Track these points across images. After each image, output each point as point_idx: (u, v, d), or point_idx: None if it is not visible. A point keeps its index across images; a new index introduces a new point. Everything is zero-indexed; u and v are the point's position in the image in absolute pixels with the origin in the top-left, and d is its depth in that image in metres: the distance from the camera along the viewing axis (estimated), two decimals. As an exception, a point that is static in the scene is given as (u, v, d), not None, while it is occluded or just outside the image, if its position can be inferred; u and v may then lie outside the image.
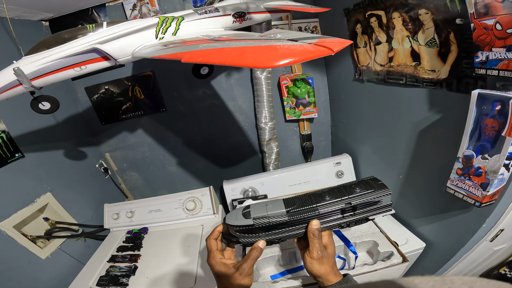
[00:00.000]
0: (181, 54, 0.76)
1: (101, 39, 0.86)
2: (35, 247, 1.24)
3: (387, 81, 1.16)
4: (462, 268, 1.08)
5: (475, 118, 0.76)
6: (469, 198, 0.83)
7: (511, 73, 0.65)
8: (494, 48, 0.67)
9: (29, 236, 1.25)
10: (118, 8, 1.59)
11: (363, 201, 0.66)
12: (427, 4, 0.88)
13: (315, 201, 0.68)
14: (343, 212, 0.67)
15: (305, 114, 1.77)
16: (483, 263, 1.12)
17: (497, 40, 0.66)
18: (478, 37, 0.70)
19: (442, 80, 0.90)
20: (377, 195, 0.66)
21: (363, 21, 1.21)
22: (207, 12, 1.06)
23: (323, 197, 0.68)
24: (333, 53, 0.59)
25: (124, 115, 1.81)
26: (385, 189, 0.67)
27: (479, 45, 0.71)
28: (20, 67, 0.82)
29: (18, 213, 1.20)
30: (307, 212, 0.66)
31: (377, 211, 0.69)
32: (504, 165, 0.73)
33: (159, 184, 2.05)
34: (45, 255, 1.27)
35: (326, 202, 0.67)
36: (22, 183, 1.27)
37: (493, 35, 0.66)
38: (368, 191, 0.67)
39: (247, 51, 0.67)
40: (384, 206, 0.68)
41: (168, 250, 1.35)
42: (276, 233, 0.67)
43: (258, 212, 0.67)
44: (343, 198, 0.67)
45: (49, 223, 1.38)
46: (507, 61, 0.65)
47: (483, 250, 1.00)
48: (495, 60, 0.68)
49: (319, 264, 0.65)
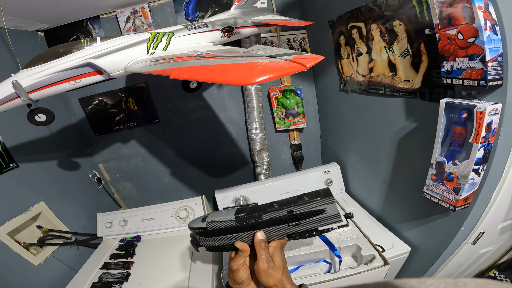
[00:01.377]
0: (169, 70, 0.81)
1: (95, 53, 0.91)
2: (28, 254, 1.27)
3: (369, 91, 1.22)
4: (449, 271, 1.10)
5: (445, 126, 0.81)
6: (444, 203, 0.87)
7: (474, 81, 0.70)
8: (458, 57, 0.72)
9: (22, 243, 1.27)
10: (112, 20, 1.64)
11: (306, 210, 0.64)
12: (400, 15, 0.94)
13: (263, 209, 0.68)
14: (287, 221, 0.66)
15: (294, 124, 1.82)
16: (471, 266, 1.15)
17: (459, 49, 0.71)
18: (443, 47, 0.75)
19: (416, 89, 0.95)
20: (320, 203, 0.64)
21: (346, 33, 1.28)
22: (196, 28, 1.12)
23: (272, 205, 0.68)
24: (306, 69, 0.64)
25: (118, 126, 1.85)
26: (329, 197, 0.64)
27: (444, 55, 0.76)
28: (18, 80, 0.85)
29: (12, 221, 1.23)
30: (252, 219, 0.67)
31: (325, 221, 0.65)
32: (473, 170, 0.77)
33: (152, 194, 2.07)
34: (38, 262, 1.30)
35: (271, 210, 0.67)
36: (16, 192, 1.30)
37: (456, 45, 0.71)
38: (311, 200, 0.65)
39: (228, 68, 0.72)
40: (332, 216, 0.64)
41: (161, 258, 1.37)
42: (228, 238, 0.70)
43: (214, 216, 0.71)
44: (287, 206, 0.66)
45: (42, 231, 1.41)
46: (469, 70, 0.70)
47: (468, 253, 1.03)
48: (459, 69, 0.72)
49: (266, 276, 0.63)
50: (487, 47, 0.64)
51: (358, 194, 1.56)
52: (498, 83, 0.68)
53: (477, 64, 0.67)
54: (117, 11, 1.60)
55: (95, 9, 1.57)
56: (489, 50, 0.65)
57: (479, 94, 0.74)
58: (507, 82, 0.68)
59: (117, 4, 1.55)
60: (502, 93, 0.70)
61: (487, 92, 0.73)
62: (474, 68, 0.68)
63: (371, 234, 1.20)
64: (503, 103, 0.69)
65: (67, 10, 1.44)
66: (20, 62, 1.34)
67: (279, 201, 0.69)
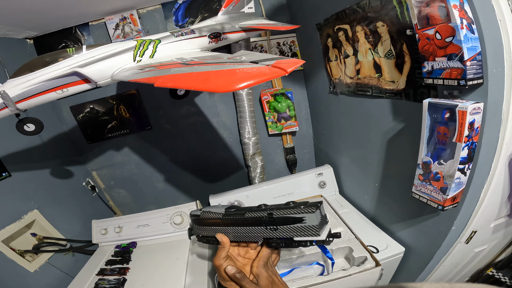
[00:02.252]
0: (154, 78, 0.81)
1: (81, 62, 0.90)
2: (24, 261, 1.28)
3: (357, 93, 1.22)
4: (446, 271, 1.10)
5: (429, 126, 0.81)
6: (432, 202, 0.87)
7: (454, 81, 0.70)
8: (437, 57, 0.72)
9: (17, 250, 1.28)
10: (101, 27, 1.64)
11: (285, 215, 0.63)
12: (382, 16, 0.95)
13: (249, 209, 0.69)
14: (266, 223, 0.65)
15: (287, 128, 1.82)
16: (468, 265, 1.15)
17: (438, 49, 0.71)
18: (423, 47, 0.75)
19: (401, 90, 0.95)
20: (300, 211, 0.61)
21: (333, 35, 1.29)
22: (183, 34, 1.12)
23: (259, 207, 0.69)
24: (287, 74, 0.64)
25: (110, 134, 1.85)
26: (312, 207, 0.61)
27: (424, 55, 0.76)
28: (5, 91, 0.85)
29: (6, 229, 1.25)
30: (237, 215, 0.70)
31: (302, 231, 0.62)
32: (459, 170, 0.77)
33: (147, 200, 2.07)
34: (34, 268, 1.31)
35: (255, 210, 0.67)
36: (9, 200, 1.31)
37: (435, 44, 0.72)
38: (292, 207, 0.63)
39: (210, 76, 0.72)
40: (309, 227, 0.61)
41: (156, 263, 1.37)
42: (214, 229, 0.74)
43: (209, 208, 0.77)
44: (270, 209, 0.66)
45: (37, 238, 1.41)
46: (449, 69, 0.70)
47: (462, 253, 1.03)
48: (439, 69, 0.73)
49: None
50: (464, 46, 0.65)
51: (352, 195, 1.56)
52: (479, 82, 0.69)
53: (456, 63, 0.67)
54: (106, 18, 1.60)
55: (83, 17, 1.57)
56: (467, 49, 0.65)
57: (460, 94, 0.75)
58: (487, 81, 0.68)
59: (106, 11, 1.55)
60: (483, 92, 0.70)
61: (469, 91, 0.73)
62: (453, 67, 0.68)
63: (365, 235, 1.20)
64: (484, 102, 0.69)
65: (55, 17, 1.44)
66: (8, 71, 1.35)
67: (269, 205, 0.69)
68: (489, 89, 0.69)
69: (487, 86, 0.69)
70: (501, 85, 0.69)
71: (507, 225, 1.02)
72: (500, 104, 0.71)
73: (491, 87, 0.69)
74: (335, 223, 1.28)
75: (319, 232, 0.60)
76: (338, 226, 1.25)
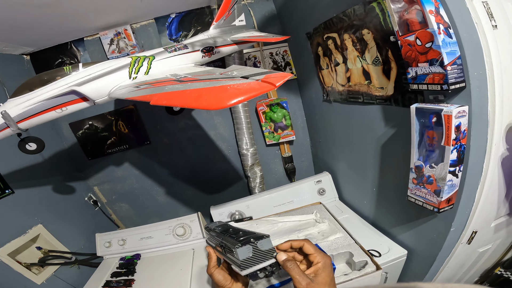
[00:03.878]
0: (149, 96, 0.84)
1: (78, 80, 0.93)
2: (30, 274, 1.30)
3: (349, 100, 1.24)
4: (451, 272, 1.09)
5: (419, 130, 0.83)
6: (428, 205, 0.88)
7: (437, 86, 0.72)
8: (420, 63, 0.74)
9: (24, 263, 1.30)
10: (96, 42, 1.68)
11: (226, 242, 0.68)
12: (367, 23, 0.97)
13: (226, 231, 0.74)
14: (222, 247, 0.72)
15: (284, 137, 1.84)
16: (474, 265, 1.14)
17: (420, 55, 0.73)
18: (406, 53, 0.77)
19: (390, 96, 0.97)
20: (231, 241, 0.66)
21: (323, 44, 1.32)
22: (176, 50, 1.15)
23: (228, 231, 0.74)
24: (276, 88, 0.66)
25: (110, 150, 1.87)
26: (239, 242, 0.64)
27: (408, 61, 0.78)
28: (6, 111, 0.87)
29: (12, 243, 1.27)
30: (218, 236, 0.77)
31: (235, 261, 0.65)
32: (450, 172, 0.78)
33: (149, 213, 2.08)
34: (40, 281, 1.32)
35: (223, 234, 0.73)
36: (13, 216, 1.33)
37: (416, 50, 0.73)
38: (234, 236, 0.67)
39: (202, 93, 0.75)
40: (237, 260, 0.63)
41: (161, 274, 1.38)
42: (213, 241, 0.81)
43: (215, 224, 0.85)
44: (227, 235, 0.71)
45: (42, 251, 1.43)
46: (432, 75, 0.72)
47: (466, 253, 1.02)
48: (422, 75, 0.75)
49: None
50: (443, 51, 0.66)
51: (351, 201, 1.57)
52: (461, 86, 0.70)
53: (437, 68, 0.69)
54: (100, 33, 1.64)
55: (77, 32, 1.60)
56: (446, 54, 0.66)
57: (445, 98, 0.76)
58: (469, 84, 0.70)
59: (99, 26, 1.59)
60: (467, 95, 0.71)
61: (453, 95, 0.75)
62: (435, 72, 0.70)
63: (367, 240, 1.20)
64: (469, 105, 0.71)
65: (48, 33, 1.47)
66: (7, 88, 1.38)
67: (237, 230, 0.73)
68: (472, 92, 0.70)
69: (470, 89, 0.71)
70: (484, 88, 0.71)
71: (509, 224, 1.02)
72: (485, 106, 0.73)
73: (474, 90, 0.70)
74: (334, 229, 1.28)
75: (238, 263, 0.63)
76: (337, 232, 1.26)
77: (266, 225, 1.44)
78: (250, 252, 0.63)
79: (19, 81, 0.92)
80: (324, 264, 0.64)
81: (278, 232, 1.36)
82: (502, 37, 0.72)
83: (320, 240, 1.23)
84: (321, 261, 0.64)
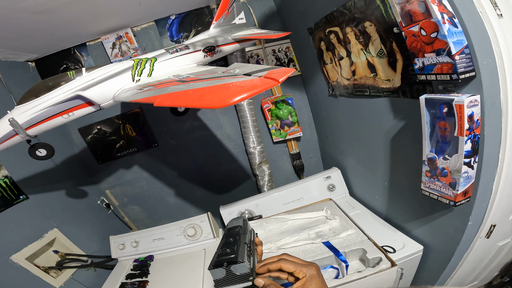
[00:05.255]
0: (153, 98, 0.83)
1: (83, 85, 0.93)
2: (49, 277, 1.33)
3: (356, 94, 1.22)
4: (470, 267, 1.06)
5: (430, 122, 0.80)
6: (443, 199, 0.85)
7: (446, 76, 0.69)
8: (426, 53, 0.71)
9: (42, 267, 1.33)
10: (98, 47, 1.69)
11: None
12: (369, 16, 0.95)
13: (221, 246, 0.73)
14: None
15: (290, 134, 1.82)
16: (494, 259, 1.10)
17: (426, 45, 0.70)
18: (411, 44, 0.75)
19: (397, 88, 0.95)
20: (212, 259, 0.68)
21: (325, 38, 1.29)
22: (178, 51, 1.14)
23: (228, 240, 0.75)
24: (279, 83, 0.65)
25: (119, 153, 1.89)
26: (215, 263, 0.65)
27: (413, 52, 0.75)
28: (14, 118, 0.88)
29: (29, 247, 1.30)
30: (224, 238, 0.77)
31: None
32: (465, 163, 0.76)
33: (160, 215, 2.09)
34: (59, 284, 1.35)
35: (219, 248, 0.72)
36: (29, 221, 1.36)
37: (422, 41, 0.71)
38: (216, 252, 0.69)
39: (205, 92, 0.74)
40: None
41: (173, 275, 1.39)
42: None
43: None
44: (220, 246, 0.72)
45: (59, 255, 1.47)
46: (439, 65, 0.69)
47: (485, 247, 0.99)
48: (430, 65, 0.72)
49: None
50: (450, 40, 0.64)
51: (362, 196, 1.54)
52: (471, 75, 0.68)
53: (445, 58, 0.67)
54: (102, 37, 1.64)
55: (79, 37, 1.61)
56: (453, 44, 0.64)
57: (455, 87, 0.74)
58: (480, 73, 0.67)
59: (100, 31, 1.59)
60: (478, 84, 0.69)
61: (463, 84, 0.72)
62: (443, 62, 0.68)
63: (380, 236, 1.17)
64: (481, 94, 0.68)
65: (49, 39, 1.48)
66: (14, 95, 1.39)
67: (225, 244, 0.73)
68: (483, 81, 0.68)
69: (480, 78, 0.68)
70: (495, 76, 0.68)
71: (528, 216, 0.98)
72: (497, 95, 0.70)
73: (484, 79, 0.68)
74: (346, 226, 1.26)
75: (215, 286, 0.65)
76: (349, 229, 1.23)
77: (276, 223, 1.43)
78: (223, 274, 0.64)
79: (26, 88, 0.92)
80: (310, 276, 0.64)
81: (288, 230, 1.35)
82: (508, 26, 0.70)
83: (331, 237, 1.21)
84: (307, 273, 0.64)
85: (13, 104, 0.93)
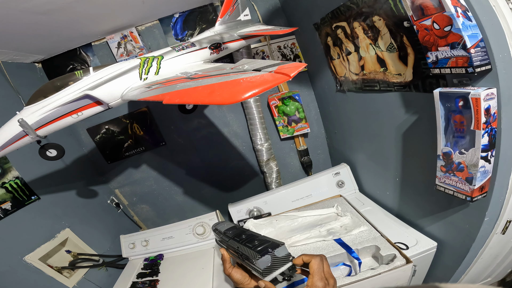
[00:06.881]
0: (162, 96, 0.83)
1: (91, 84, 0.93)
2: (62, 277, 1.34)
3: (365, 89, 1.20)
4: (485, 264, 1.04)
5: (444, 115, 0.78)
6: (459, 194, 0.83)
7: (462, 69, 0.67)
8: (440, 47, 0.70)
9: (55, 267, 1.34)
10: (104, 47, 1.69)
11: (243, 252, 0.76)
12: (377, 10, 0.93)
13: (248, 240, 0.78)
14: (237, 252, 0.80)
15: (298, 131, 1.81)
16: (509, 256, 1.08)
17: (439, 39, 0.69)
18: (423, 38, 0.73)
19: (409, 82, 0.93)
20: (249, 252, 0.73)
21: (332, 34, 1.27)
22: (184, 48, 1.13)
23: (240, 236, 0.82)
24: (290, 78, 0.63)
25: (127, 153, 1.90)
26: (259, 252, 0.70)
27: (426, 46, 0.74)
28: (23, 118, 0.88)
29: (41, 247, 1.31)
30: (226, 238, 0.86)
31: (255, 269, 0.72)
32: (482, 158, 0.74)
33: (169, 213, 2.11)
34: (72, 284, 1.36)
35: (244, 242, 0.78)
36: (41, 221, 1.37)
37: (435, 34, 0.69)
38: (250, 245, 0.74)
39: (215, 88, 0.73)
40: (258, 268, 0.71)
41: (183, 274, 1.40)
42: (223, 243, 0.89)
43: (217, 225, 0.95)
44: (244, 241, 0.78)
45: (71, 255, 1.48)
46: (454, 58, 0.68)
47: (500, 244, 0.98)
48: (444, 59, 0.70)
49: None
50: (464, 34, 0.63)
51: (373, 192, 1.52)
52: (487, 68, 0.66)
53: (460, 52, 0.65)
54: (107, 37, 1.64)
55: (84, 37, 1.61)
56: (468, 37, 0.63)
57: (470, 81, 0.72)
58: (495, 66, 0.66)
59: (104, 30, 1.59)
60: (494, 77, 0.67)
61: (479, 78, 0.70)
62: (458, 56, 0.66)
63: (392, 232, 1.16)
64: (497, 87, 0.67)
65: (55, 40, 1.48)
66: (23, 97, 1.39)
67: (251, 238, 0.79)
68: (499, 74, 0.67)
69: (496, 72, 0.67)
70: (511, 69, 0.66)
71: (544, 212, 0.96)
72: (514, 88, 0.68)
73: (500, 72, 0.66)
74: (358, 223, 1.25)
75: (263, 275, 0.70)
76: (361, 225, 1.22)
77: (286, 221, 1.42)
78: (269, 261, 0.70)
79: (33, 89, 0.92)
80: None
81: (299, 227, 1.33)
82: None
83: (343, 234, 1.20)
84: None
85: (21, 105, 0.92)
